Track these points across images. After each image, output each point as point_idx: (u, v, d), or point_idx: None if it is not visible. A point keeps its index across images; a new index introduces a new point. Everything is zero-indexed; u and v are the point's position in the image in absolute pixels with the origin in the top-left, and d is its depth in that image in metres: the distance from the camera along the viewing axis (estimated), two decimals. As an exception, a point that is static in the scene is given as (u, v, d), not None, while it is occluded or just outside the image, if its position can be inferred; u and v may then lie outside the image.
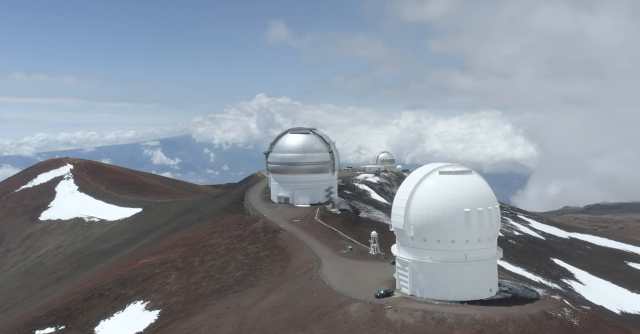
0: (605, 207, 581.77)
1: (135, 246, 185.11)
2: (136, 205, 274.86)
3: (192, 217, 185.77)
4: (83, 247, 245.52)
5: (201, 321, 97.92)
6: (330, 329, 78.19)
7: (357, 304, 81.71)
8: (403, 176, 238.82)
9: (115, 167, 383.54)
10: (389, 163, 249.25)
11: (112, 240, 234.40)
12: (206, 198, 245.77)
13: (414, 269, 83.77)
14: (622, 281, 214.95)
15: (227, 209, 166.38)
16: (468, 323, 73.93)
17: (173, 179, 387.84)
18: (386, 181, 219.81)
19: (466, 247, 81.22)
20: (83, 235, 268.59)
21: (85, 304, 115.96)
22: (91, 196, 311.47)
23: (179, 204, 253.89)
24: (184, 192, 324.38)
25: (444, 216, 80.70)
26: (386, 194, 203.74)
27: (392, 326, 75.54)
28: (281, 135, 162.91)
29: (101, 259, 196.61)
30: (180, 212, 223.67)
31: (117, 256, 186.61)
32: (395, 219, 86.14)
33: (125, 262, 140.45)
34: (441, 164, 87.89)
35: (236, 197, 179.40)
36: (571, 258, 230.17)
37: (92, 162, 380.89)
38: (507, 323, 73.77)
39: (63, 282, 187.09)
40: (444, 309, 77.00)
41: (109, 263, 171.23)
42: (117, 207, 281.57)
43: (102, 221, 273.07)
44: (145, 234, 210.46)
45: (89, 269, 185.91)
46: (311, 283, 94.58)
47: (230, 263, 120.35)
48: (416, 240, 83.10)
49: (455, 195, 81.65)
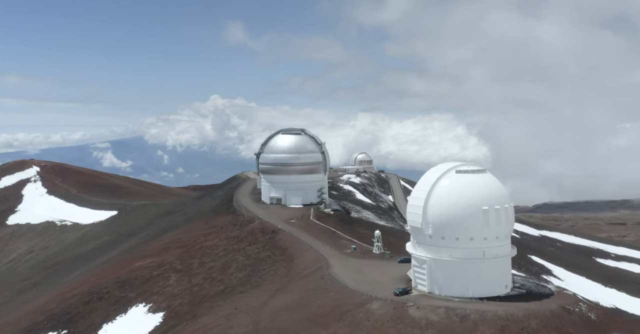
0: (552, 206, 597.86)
1: (118, 249, 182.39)
2: (111, 208, 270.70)
3: (177, 219, 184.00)
4: (57, 252, 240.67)
5: (211, 322, 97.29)
6: (354, 328, 78.68)
7: (378, 302, 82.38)
8: (381, 177, 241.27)
9: (84, 169, 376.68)
10: (367, 164, 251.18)
11: (89, 244, 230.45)
12: (185, 200, 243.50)
13: (431, 266, 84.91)
14: (595, 276, 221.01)
15: (216, 210, 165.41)
16: (492, 319, 75.33)
17: (144, 181, 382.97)
18: (367, 182, 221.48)
19: (484, 244, 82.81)
20: (56, 239, 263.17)
21: (86, 308, 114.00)
22: (61, 198, 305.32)
23: (157, 206, 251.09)
24: (158, 194, 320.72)
25: (463, 214, 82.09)
26: (369, 194, 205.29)
27: (416, 323, 76.48)
28: (272, 136, 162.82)
29: (80, 264, 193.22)
30: (160, 214, 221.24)
31: (97, 259, 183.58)
32: (411, 217, 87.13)
33: (118, 265, 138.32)
34: (454, 163, 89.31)
35: (223, 199, 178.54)
36: (546, 255, 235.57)
37: (59, 164, 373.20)
38: (530, 318, 75.41)
39: (41, 287, 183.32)
40: (466, 306, 78.29)
41: (91, 267, 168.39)
42: (91, 210, 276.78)
43: (76, 225, 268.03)
44: (126, 237, 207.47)
45: (69, 274, 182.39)
46: (324, 282, 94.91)
47: (231, 264, 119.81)
48: (434, 238, 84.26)
49: (473, 193, 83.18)
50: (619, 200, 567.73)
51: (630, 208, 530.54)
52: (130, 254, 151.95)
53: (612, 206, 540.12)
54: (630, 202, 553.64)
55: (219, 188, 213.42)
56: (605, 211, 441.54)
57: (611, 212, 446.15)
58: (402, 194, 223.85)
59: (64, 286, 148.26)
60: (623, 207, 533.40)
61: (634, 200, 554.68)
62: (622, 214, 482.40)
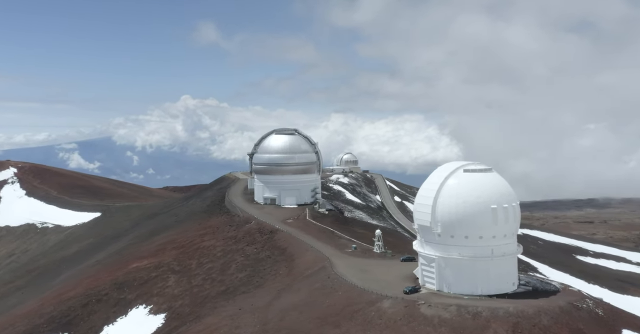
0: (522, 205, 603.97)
1: (106, 251, 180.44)
2: (93, 209, 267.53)
3: (166, 220, 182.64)
4: (39, 255, 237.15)
5: (215, 322, 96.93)
6: (366, 326, 79.10)
7: (389, 300, 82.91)
8: (367, 177, 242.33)
9: (63, 170, 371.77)
10: (353, 164, 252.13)
11: (72, 246, 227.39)
12: (172, 201, 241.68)
13: (440, 265, 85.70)
14: (578, 273, 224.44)
15: (208, 211, 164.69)
16: (503, 315, 76.32)
17: (126, 182, 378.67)
18: (355, 182, 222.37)
19: (493, 242, 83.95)
20: (37, 242, 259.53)
21: (85, 310, 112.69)
22: (42, 200, 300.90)
23: (141, 207, 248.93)
24: (140, 196, 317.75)
25: (472, 213, 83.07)
26: (359, 194, 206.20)
27: (429, 321, 77.16)
28: (265, 136, 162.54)
29: (66, 266, 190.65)
30: (147, 215, 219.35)
31: (85, 262, 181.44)
32: (419, 216, 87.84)
33: (113, 266, 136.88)
34: (461, 162, 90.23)
35: (214, 199, 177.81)
36: (530, 253, 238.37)
37: (37, 166, 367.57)
38: (540, 315, 76.56)
39: (26, 291, 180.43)
40: (476, 303, 79.23)
41: (81, 269, 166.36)
42: (73, 212, 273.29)
43: (58, 227, 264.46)
44: (111, 239, 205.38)
45: (55, 277, 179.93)
46: (331, 281, 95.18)
47: (230, 264, 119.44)
48: (443, 237, 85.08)
49: (481, 192, 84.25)
50: (585, 199, 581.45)
51: (595, 207, 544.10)
52: (123, 255, 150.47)
53: (578, 205, 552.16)
54: (596, 201, 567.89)
55: (207, 189, 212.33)
56: (572, 210, 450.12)
57: (578, 211, 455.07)
58: (389, 194, 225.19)
59: (56, 288, 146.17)
60: (589, 206, 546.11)
61: (599, 199, 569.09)
62: (589, 212, 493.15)
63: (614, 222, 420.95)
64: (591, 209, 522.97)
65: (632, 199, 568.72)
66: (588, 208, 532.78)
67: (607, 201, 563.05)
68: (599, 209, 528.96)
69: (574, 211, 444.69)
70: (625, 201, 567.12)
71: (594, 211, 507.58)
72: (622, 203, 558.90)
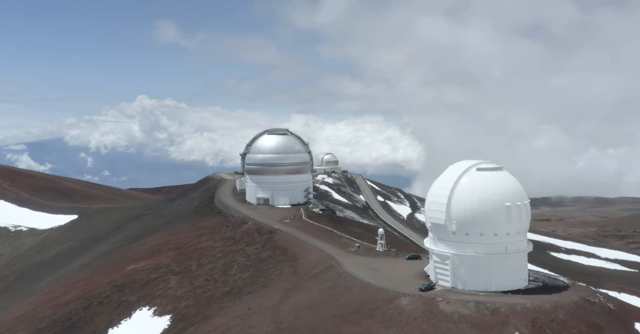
0: None
1: (90, 254, 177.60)
2: (70, 212, 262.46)
3: (153, 221, 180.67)
4: (14, 259, 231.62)
5: (225, 323, 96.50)
6: (387, 324, 79.84)
7: (407, 298, 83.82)
8: (348, 177, 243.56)
9: (33, 172, 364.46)
10: (334, 164, 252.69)
11: (51, 250, 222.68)
12: (154, 203, 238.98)
13: (455, 262, 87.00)
14: (555, 269, 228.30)
15: (198, 212, 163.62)
16: (521, 311, 77.91)
17: (98, 183, 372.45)
18: (339, 182, 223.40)
19: (507, 239, 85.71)
20: (11, 246, 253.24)
21: (87, 313, 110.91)
22: (13, 203, 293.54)
23: (121, 209, 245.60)
24: (116, 197, 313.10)
25: (487, 211, 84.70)
26: (344, 194, 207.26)
27: (449, 318, 78.29)
28: (257, 136, 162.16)
29: (48, 270, 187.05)
30: (128, 217, 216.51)
31: (68, 265, 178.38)
32: (433, 215, 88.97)
33: (107, 269, 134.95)
34: (472, 161, 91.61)
35: (202, 200, 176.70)
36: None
37: (4, 167, 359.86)
38: (557, 310, 78.39)
39: (6, 296, 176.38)
40: (494, 299, 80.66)
41: (68, 273, 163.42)
42: (48, 215, 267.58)
43: (32, 230, 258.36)
44: (93, 242, 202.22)
45: (37, 282, 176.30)
46: (342, 280, 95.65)
47: (231, 265, 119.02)
48: (458, 234, 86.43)
49: (495, 190, 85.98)
50: (539, 198, 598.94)
51: (549, 205, 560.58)
52: (113, 258, 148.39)
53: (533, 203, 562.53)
54: (549, 200, 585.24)
55: (191, 190, 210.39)
56: None
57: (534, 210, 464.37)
58: (372, 194, 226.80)
59: (45, 292, 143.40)
60: (543, 205, 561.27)
61: (552, 198, 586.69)
62: (544, 211, 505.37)
63: (570, 220, 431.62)
64: (546, 208, 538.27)
65: (582, 198, 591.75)
66: (543, 206, 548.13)
67: (559, 199, 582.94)
68: (553, 207, 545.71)
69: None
70: (576, 199, 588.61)
71: (548, 210, 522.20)
72: (574, 201, 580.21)
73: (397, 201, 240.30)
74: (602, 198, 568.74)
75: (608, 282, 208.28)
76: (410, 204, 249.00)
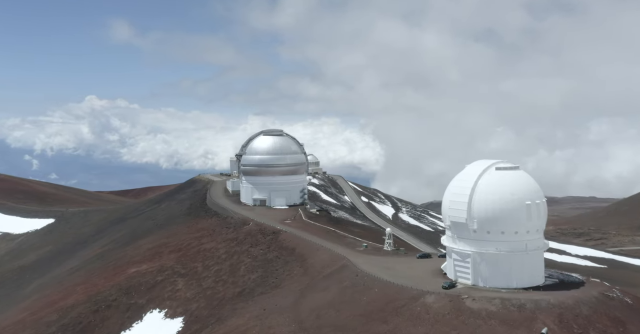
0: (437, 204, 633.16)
1: (78, 258, 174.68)
2: (45, 215, 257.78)
3: (142, 224, 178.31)
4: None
5: (242, 324, 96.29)
6: (415, 321, 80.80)
7: (432, 295, 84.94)
8: (332, 178, 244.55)
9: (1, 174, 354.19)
10: (315, 166, 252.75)
11: (29, 255, 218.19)
12: (138, 205, 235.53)
13: (476, 260, 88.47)
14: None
15: (192, 213, 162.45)
16: (546, 307, 79.76)
17: (68, 186, 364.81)
18: (324, 183, 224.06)
19: (527, 237, 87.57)
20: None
21: (96, 316, 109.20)
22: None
23: (101, 212, 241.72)
24: (89, 200, 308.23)
25: (508, 209, 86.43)
26: (331, 195, 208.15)
27: (477, 314, 79.68)
28: (253, 137, 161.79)
29: (32, 275, 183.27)
30: (112, 220, 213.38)
31: (53, 270, 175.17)
32: (454, 213, 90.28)
33: (107, 272, 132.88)
34: (488, 161, 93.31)
35: (193, 202, 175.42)
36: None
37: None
38: (580, 305, 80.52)
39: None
40: (518, 296, 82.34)
41: (57, 277, 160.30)
42: (22, 219, 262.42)
43: (6, 235, 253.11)
44: (76, 245, 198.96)
45: (21, 287, 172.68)
46: (360, 279, 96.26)
47: (238, 266, 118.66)
48: (479, 233, 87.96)
49: (515, 189, 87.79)
50: None
51: None
52: (109, 261, 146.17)
53: None
54: None
55: (177, 192, 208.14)
56: None
57: None
58: (356, 195, 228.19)
59: (38, 297, 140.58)
60: None
61: None
62: None
63: None
64: None
65: None
66: None
67: None
68: None
69: None
70: None
71: None
72: None
73: (380, 202, 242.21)
74: (551, 197, 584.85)
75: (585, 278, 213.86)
76: (392, 204, 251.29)
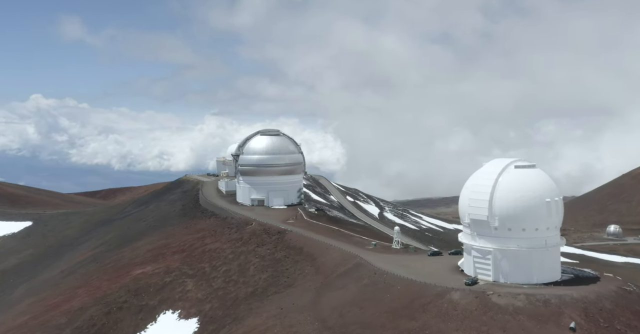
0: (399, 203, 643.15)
1: (67, 261, 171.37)
2: (22, 218, 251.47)
3: (133, 225, 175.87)
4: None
5: (261, 323, 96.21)
6: (444, 318, 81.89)
7: (458, 292, 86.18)
8: (315, 178, 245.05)
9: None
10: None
11: (9, 258, 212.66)
12: (122, 206, 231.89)
13: (497, 257, 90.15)
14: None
15: (186, 214, 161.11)
16: (570, 302, 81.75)
17: (40, 188, 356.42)
18: (310, 183, 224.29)
19: (546, 234, 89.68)
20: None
21: (109, 318, 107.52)
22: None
23: (82, 214, 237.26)
24: (63, 202, 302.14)
25: (529, 206, 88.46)
26: (320, 194, 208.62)
27: (504, 310, 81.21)
28: (250, 137, 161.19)
29: (15, 279, 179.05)
30: (96, 222, 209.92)
31: (40, 273, 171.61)
32: (474, 211, 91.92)
33: (109, 274, 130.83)
34: (506, 159, 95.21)
35: (186, 202, 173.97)
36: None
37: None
38: (602, 299, 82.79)
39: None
40: (542, 292, 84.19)
41: (48, 281, 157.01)
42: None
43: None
44: (60, 248, 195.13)
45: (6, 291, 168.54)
46: (380, 277, 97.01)
47: (247, 266, 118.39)
48: (500, 230, 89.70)
49: (534, 187, 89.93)
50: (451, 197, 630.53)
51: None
52: (105, 263, 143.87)
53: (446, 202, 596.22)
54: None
55: (165, 193, 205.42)
56: (441, 207, 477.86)
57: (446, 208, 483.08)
58: (341, 194, 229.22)
59: (33, 301, 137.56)
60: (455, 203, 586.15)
61: None
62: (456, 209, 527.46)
63: None
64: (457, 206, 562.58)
65: None
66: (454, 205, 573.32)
67: None
68: None
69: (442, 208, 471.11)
70: None
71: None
72: None
73: (364, 201, 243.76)
74: None
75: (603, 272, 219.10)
76: (375, 203, 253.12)
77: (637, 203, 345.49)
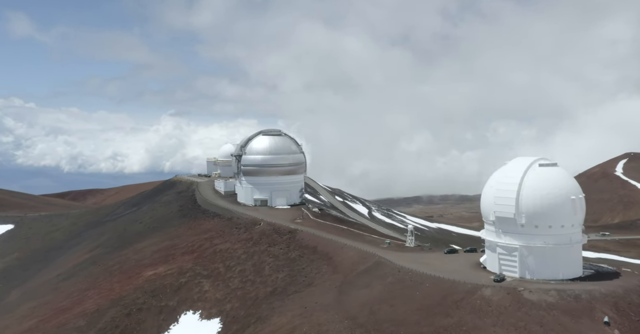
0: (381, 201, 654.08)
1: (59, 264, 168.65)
2: (2, 221, 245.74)
3: (129, 227, 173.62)
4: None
5: (287, 322, 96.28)
6: (479, 314, 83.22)
7: (489, 288, 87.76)
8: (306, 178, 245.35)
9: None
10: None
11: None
12: (110, 208, 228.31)
13: (523, 253, 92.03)
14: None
15: (186, 215, 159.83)
16: (599, 297, 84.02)
17: (13, 191, 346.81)
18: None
19: (571, 230, 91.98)
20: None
21: (131, 319, 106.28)
22: None
23: (68, 217, 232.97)
24: (39, 205, 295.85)
25: (555, 204, 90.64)
26: (311, 194, 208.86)
27: (538, 306, 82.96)
28: (252, 137, 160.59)
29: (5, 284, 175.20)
30: (85, 225, 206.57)
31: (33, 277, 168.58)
32: (500, 209, 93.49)
33: (118, 276, 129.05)
34: (529, 158, 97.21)
35: (183, 203, 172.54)
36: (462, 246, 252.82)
37: None
38: (629, 294, 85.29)
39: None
40: (571, 287, 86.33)
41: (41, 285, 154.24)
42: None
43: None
44: (49, 252, 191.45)
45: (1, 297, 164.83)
46: (405, 274, 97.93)
47: (262, 266, 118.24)
48: (527, 227, 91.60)
49: (560, 185, 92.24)
50: (412, 197, 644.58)
51: (421, 203, 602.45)
52: (108, 265, 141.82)
53: (407, 202, 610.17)
54: (421, 199, 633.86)
55: (157, 194, 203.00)
56: (402, 206, 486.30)
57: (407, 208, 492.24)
58: (329, 194, 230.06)
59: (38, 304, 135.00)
60: (416, 203, 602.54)
61: (423, 196, 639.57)
62: (417, 208, 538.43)
63: (449, 216, 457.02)
64: (418, 206, 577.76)
65: (448, 196, 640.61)
66: (415, 204, 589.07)
67: (429, 198, 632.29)
68: (425, 205, 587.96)
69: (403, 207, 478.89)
70: (443, 197, 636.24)
71: (421, 207, 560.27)
72: (442, 199, 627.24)
73: (352, 201, 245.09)
74: (465, 196, 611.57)
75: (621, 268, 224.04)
76: (362, 203, 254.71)
77: (593, 201, 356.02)
